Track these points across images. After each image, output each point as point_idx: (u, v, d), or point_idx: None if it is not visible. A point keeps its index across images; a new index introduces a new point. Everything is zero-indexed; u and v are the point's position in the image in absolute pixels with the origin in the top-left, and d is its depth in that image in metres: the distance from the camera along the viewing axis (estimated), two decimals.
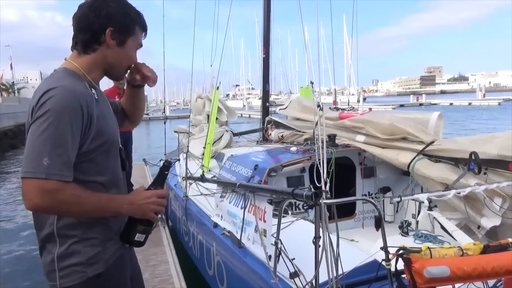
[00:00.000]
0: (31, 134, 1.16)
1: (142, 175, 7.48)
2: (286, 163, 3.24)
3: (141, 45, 1.45)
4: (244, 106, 49.21)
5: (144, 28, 1.43)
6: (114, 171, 1.37)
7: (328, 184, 1.46)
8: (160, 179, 1.42)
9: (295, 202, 3.24)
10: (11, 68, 39.65)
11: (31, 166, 1.13)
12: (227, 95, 78.32)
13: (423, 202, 2.21)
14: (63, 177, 1.15)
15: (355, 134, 3.58)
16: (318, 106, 1.64)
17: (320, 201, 1.46)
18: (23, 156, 1.16)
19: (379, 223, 1.47)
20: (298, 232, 2.25)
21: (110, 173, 1.34)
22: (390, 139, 3.22)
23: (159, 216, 4.68)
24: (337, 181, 3.09)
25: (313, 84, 2.70)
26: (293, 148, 3.67)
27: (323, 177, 1.47)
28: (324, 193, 1.44)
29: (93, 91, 1.31)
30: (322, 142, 1.60)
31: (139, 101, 1.66)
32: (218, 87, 4.54)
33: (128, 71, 1.49)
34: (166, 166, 1.42)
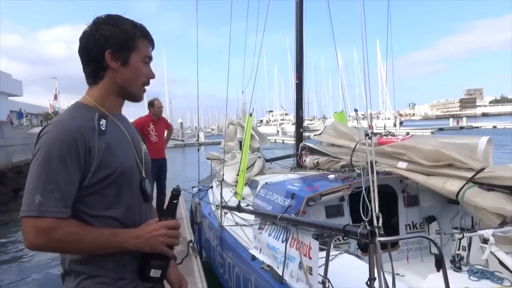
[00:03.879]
0: (28, 172, 1.14)
1: None
2: (325, 192, 3.09)
3: (149, 57, 1.35)
4: (277, 131, 49.29)
5: (147, 38, 1.33)
6: (131, 205, 1.28)
7: (380, 219, 1.34)
8: (170, 209, 1.33)
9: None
10: (55, 98, 41.94)
11: (26, 204, 1.10)
12: (261, 121, 79.10)
13: (488, 240, 1.99)
14: (56, 213, 1.11)
15: (396, 161, 3.39)
16: (367, 135, 1.52)
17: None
18: None
19: (440, 263, 1.32)
20: (344, 268, 2.10)
21: (124, 206, 1.25)
22: (435, 166, 3.01)
23: (191, 245, 4.54)
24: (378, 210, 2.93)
25: (357, 111, 2.59)
26: (331, 176, 3.52)
27: (375, 212, 1.35)
28: (377, 230, 1.31)
29: (102, 121, 1.25)
30: (372, 172, 1.48)
31: None
32: (251, 113, 4.50)
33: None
34: (175, 195, 1.33)
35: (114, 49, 1.26)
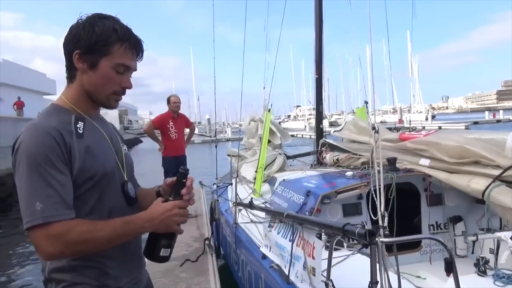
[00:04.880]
0: (17, 185, 1.10)
1: (196, 197, 7.43)
2: (341, 189, 2.98)
3: (125, 66, 1.24)
4: (305, 127, 48.81)
5: (126, 45, 1.22)
6: (112, 209, 1.24)
7: (386, 218, 1.23)
8: (179, 189, 1.29)
9: None
10: None
11: (27, 215, 1.06)
12: (288, 116, 78.56)
13: (506, 242, 1.84)
14: (63, 216, 1.07)
15: (419, 158, 3.23)
16: (373, 128, 1.42)
17: (377, 239, 1.25)
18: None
19: (450, 267, 1.20)
20: (354, 270, 2.02)
21: (106, 211, 1.22)
22: (459, 163, 2.84)
23: (207, 242, 4.51)
24: (399, 209, 2.78)
25: (367, 103, 2.48)
26: (349, 173, 3.40)
27: (380, 210, 1.25)
28: (381, 230, 1.21)
29: (79, 124, 1.20)
30: (379, 170, 1.38)
31: None
32: (269, 109, 4.42)
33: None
34: (183, 174, 1.29)
35: (82, 50, 1.20)
